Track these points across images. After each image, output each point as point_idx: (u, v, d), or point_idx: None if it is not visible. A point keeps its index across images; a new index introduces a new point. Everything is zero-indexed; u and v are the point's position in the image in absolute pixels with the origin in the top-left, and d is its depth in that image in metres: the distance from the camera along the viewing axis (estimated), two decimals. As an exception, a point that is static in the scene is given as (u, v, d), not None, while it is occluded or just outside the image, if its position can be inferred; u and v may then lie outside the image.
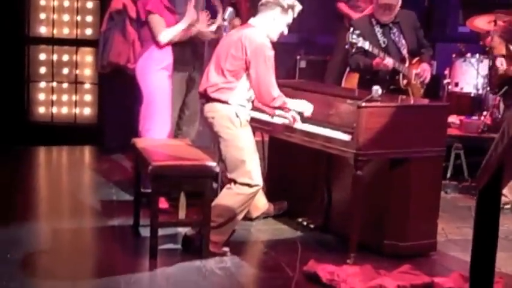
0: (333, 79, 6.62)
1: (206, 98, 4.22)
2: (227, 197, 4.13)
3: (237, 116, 4.14)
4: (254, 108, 4.36)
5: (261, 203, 4.73)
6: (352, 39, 4.65)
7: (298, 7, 4.23)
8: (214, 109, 4.18)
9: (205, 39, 5.13)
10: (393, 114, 4.01)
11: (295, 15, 4.24)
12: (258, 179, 4.15)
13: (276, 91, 4.12)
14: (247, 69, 4.11)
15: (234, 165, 4.13)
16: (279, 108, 4.18)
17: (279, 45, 4.39)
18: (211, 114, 4.19)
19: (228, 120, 4.14)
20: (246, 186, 4.11)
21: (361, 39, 4.70)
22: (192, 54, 5.11)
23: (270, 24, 4.20)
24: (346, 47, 4.76)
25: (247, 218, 4.55)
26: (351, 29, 4.73)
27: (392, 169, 4.13)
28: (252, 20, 4.27)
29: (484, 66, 6.27)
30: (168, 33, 4.83)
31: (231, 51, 4.14)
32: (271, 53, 4.13)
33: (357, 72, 5.41)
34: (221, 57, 4.18)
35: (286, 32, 4.27)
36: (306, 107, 4.21)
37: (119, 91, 6.66)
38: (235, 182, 4.12)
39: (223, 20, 4.73)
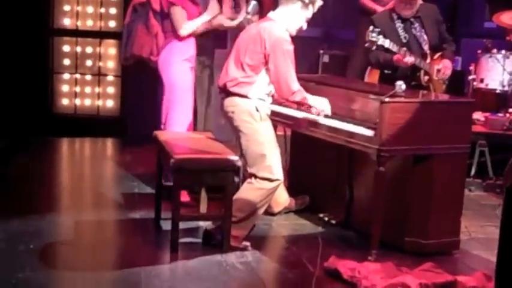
0: (355, 75, 6.56)
1: (226, 92, 4.21)
2: (248, 192, 4.12)
3: (257, 110, 4.12)
4: (276, 102, 4.34)
5: (283, 198, 4.71)
6: (372, 37, 4.58)
7: (319, 2, 4.19)
8: (234, 103, 4.17)
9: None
10: (417, 110, 3.97)
11: (315, 10, 4.21)
12: (278, 173, 4.13)
13: (295, 85, 4.09)
14: (266, 63, 4.09)
15: (254, 159, 4.11)
16: (299, 103, 4.15)
17: (301, 40, 4.36)
18: (231, 108, 4.18)
19: (248, 114, 4.13)
20: (266, 180, 4.10)
21: (381, 37, 4.62)
22: (213, 46, 5.11)
23: (290, 19, 4.17)
24: (366, 45, 4.67)
25: (269, 212, 4.54)
26: (371, 27, 4.64)
27: (415, 165, 4.09)
28: (271, 14, 4.24)
29: (510, 62, 6.19)
30: (189, 26, 4.83)
31: (250, 45, 4.12)
32: (290, 47, 4.09)
33: (377, 68, 5.36)
34: (240, 51, 4.17)
35: (305, 27, 4.23)
36: (326, 106, 4.17)
37: (141, 83, 6.69)
38: (255, 176, 4.11)
39: (247, 13, 4.71)
